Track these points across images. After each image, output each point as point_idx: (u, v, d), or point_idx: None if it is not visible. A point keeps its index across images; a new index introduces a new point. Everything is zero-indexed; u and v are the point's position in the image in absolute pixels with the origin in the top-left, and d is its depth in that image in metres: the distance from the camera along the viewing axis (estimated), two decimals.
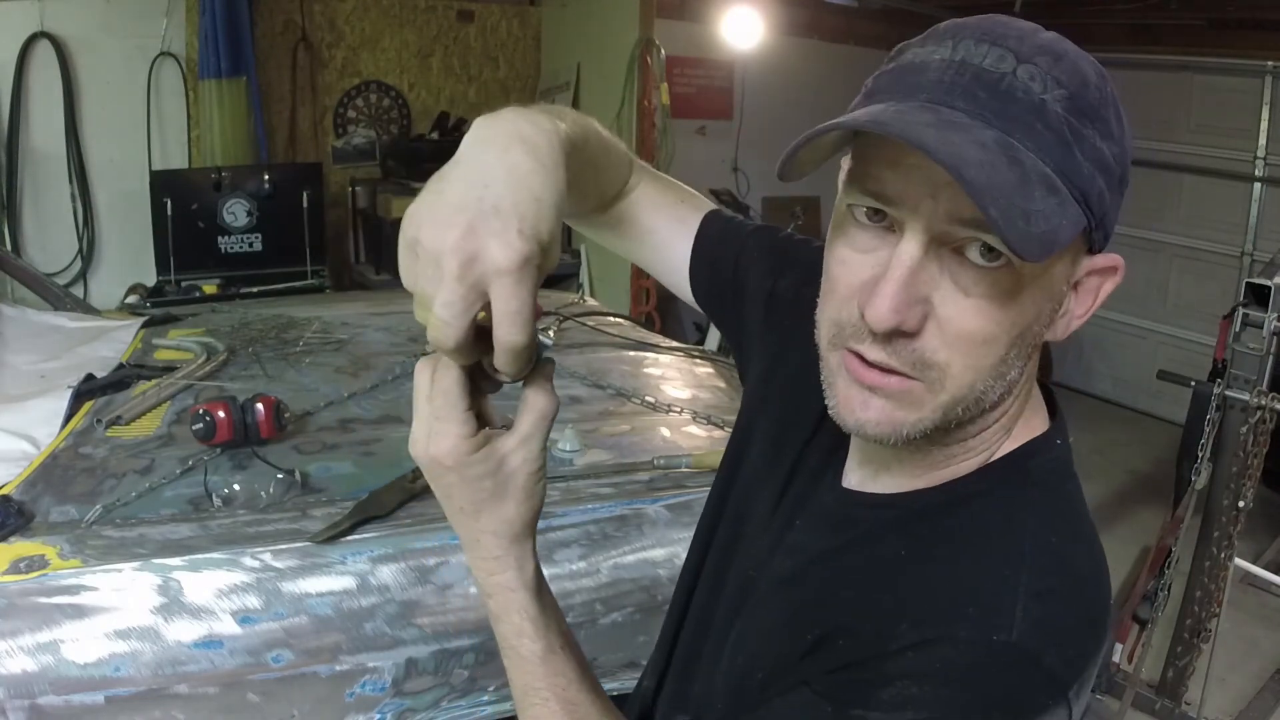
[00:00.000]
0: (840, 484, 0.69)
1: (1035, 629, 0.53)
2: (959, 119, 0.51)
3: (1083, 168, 0.52)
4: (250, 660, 1.14)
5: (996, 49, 0.52)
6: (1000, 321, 0.54)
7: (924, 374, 0.55)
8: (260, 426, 1.52)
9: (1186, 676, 2.60)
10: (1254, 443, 2.37)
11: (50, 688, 1.07)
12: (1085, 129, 0.52)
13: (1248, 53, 4.48)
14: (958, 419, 0.58)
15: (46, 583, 1.12)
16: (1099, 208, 0.54)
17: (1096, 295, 0.59)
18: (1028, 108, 0.51)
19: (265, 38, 4.26)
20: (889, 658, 0.54)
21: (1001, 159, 0.49)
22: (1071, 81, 0.52)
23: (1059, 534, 0.59)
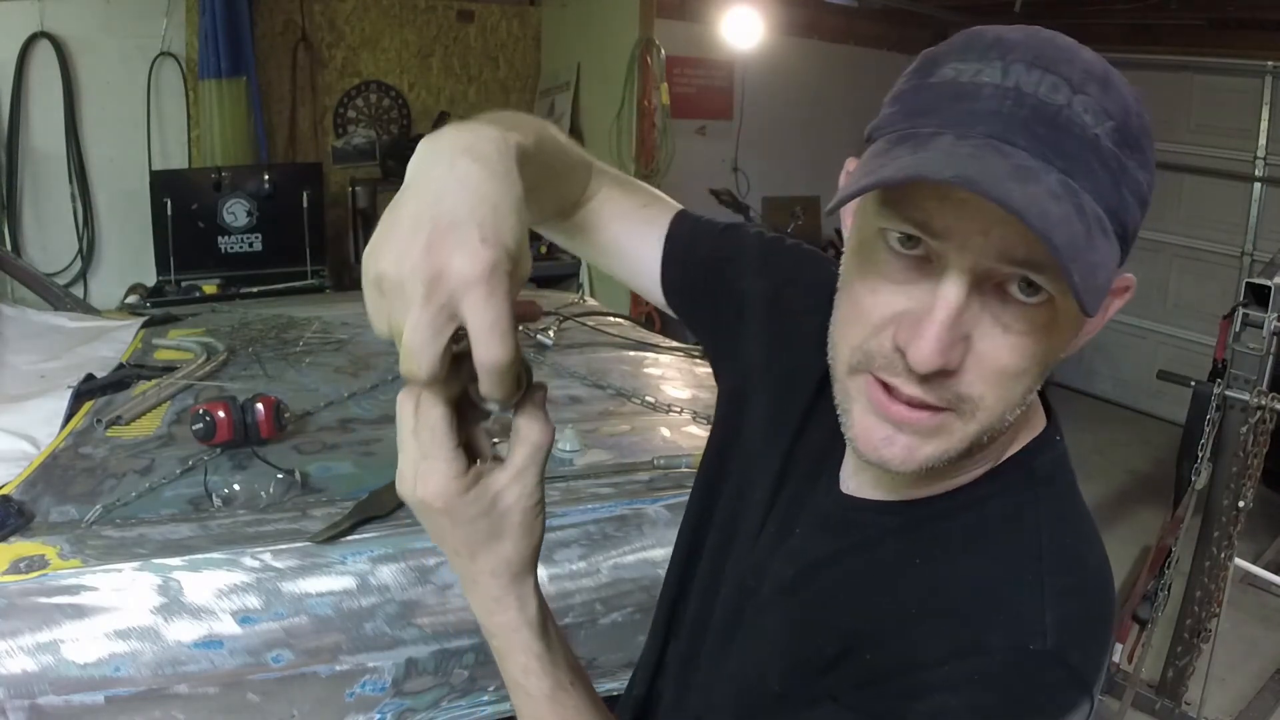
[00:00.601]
0: (838, 488, 0.68)
1: (1062, 630, 0.54)
2: (1028, 162, 0.49)
3: (1127, 203, 0.51)
4: (250, 660, 1.14)
5: (1050, 76, 0.50)
6: (1035, 355, 0.53)
7: (958, 406, 0.54)
8: (260, 426, 1.52)
9: (1186, 676, 2.60)
10: (1254, 443, 2.36)
11: (50, 688, 1.07)
12: (1128, 160, 0.51)
13: (1248, 53, 4.48)
14: (981, 445, 0.57)
15: (46, 583, 1.12)
16: (1128, 240, 0.53)
17: (1108, 312, 0.57)
18: (1084, 144, 0.49)
19: (265, 38, 4.26)
20: (921, 669, 0.54)
21: (1071, 211, 0.48)
22: (1118, 112, 0.50)
23: (1070, 530, 0.59)
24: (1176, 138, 4.92)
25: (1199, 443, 2.41)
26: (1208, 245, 4.87)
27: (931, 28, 5.95)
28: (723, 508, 0.79)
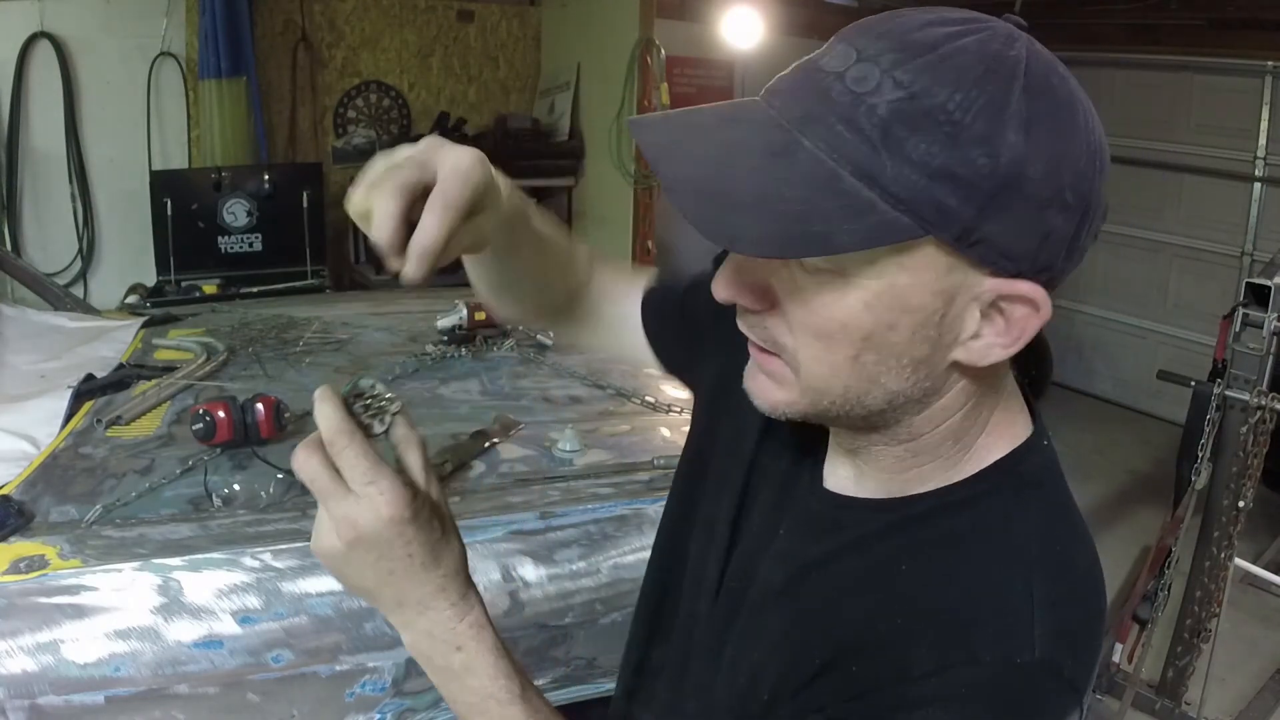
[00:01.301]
0: (822, 485, 0.68)
1: (1053, 640, 0.54)
2: (766, 116, 0.53)
3: (899, 172, 0.48)
4: (250, 660, 1.14)
5: (847, 47, 0.51)
6: (831, 319, 0.53)
7: (781, 351, 0.57)
8: (260, 426, 1.52)
9: (1186, 676, 2.60)
10: (1254, 443, 2.36)
11: (50, 688, 1.07)
12: (917, 134, 0.48)
13: (1248, 53, 4.48)
14: (840, 411, 0.58)
15: (46, 583, 1.12)
16: (946, 219, 0.49)
17: (1016, 326, 0.54)
18: (841, 106, 0.50)
19: (265, 38, 4.26)
20: (909, 683, 0.54)
21: (741, 168, 0.51)
22: (920, 80, 0.48)
23: (1061, 534, 0.59)
24: (1176, 138, 4.92)
25: (1199, 443, 2.41)
26: (1208, 245, 4.87)
27: None
28: (704, 508, 0.78)
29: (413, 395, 1.85)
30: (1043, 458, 0.63)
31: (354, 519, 0.60)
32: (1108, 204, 0.55)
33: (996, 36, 0.50)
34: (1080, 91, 0.52)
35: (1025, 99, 0.49)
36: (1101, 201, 0.53)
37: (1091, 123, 0.52)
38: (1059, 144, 0.50)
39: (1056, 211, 0.50)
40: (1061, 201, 0.50)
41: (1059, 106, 0.50)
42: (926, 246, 0.51)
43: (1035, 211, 0.50)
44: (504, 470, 1.51)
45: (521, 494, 1.43)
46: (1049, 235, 0.51)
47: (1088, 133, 0.51)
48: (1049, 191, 0.50)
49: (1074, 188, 0.50)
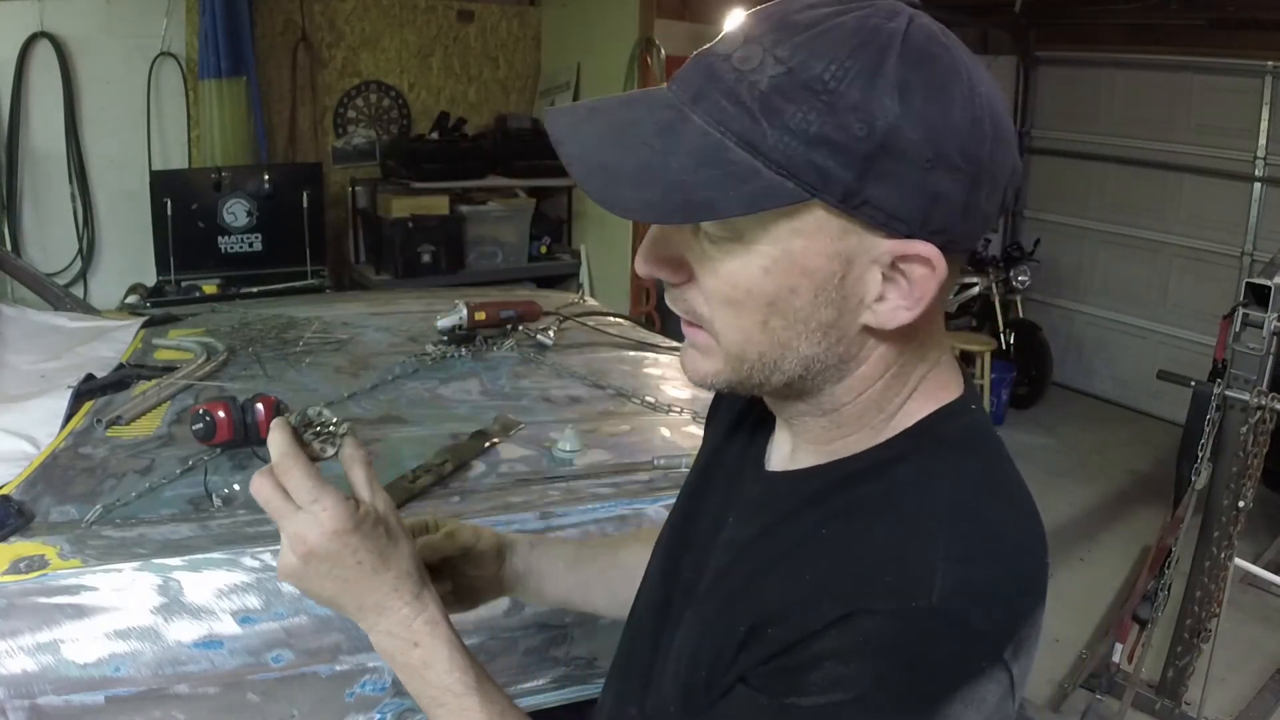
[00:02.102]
0: (764, 469, 0.70)
1: (957, 591, 0.53)
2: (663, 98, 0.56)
3: (779, 140, 0.51)
4: (250, 660, 1.14)
5: (736, 34, 0.55)
6: (736, 285, 0.56)
7: (703, 322, 0.60)
8: (260, 426, 1.52)
9: (1186, 676, 2.60)
10: (1254, 443, 2.36)
11: (50, 688, 1.07)
12: (795, 104, 0.51)
13: (1248, 53, 4.48)
14: (761, 378, 0.60)
15: (46, 583, 1.12)
16: (828, 181, 0.51)
17: (917, 286, 0.55)
18: (725, 83, 0.53)
19: (265, 38, 4.26)
20: (814, 638, 0.54)
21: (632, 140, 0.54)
22: (797, 56, 0.51)
23: (980, 494, 0.59)
24: (1176, 138, 4.92)
25: (1199, 443, 2.41)
26: (1208, 245, 4.87)
27: None
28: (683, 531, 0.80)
29: (413, 395, 1.85)
30: (969, 420, 0.63)
31: (303, 535, 0.67)
32: (1018, 166, 0.57)
33: (878, 12, 0.53)
34: (967, 60, 0.54)
35: (901, 66, 0.51)
36: (1005, 166, 0.55)
37: (977, 89, 0.53)
38: (938, 109, 0.51)
39: (943, 174, 0.52)
40: (947, 164, 0.52)
41: (938, 74, 0.52)
42: (816, 210, 0.53)
43: (918, 174, 0.51)
44: (504, 470, 1.51)
45: (521, 494, 1.43)
46: (938, 197, 0.52)
47: (972, 98, 0.53)
48: (930, 154, 0.51)
49: (961, 151, 0.52)
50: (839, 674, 0.52)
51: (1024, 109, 5.62)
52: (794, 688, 0.54)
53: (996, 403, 4.84)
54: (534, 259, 4.71)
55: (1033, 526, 0.60)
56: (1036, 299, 5.44)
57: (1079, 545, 3.69)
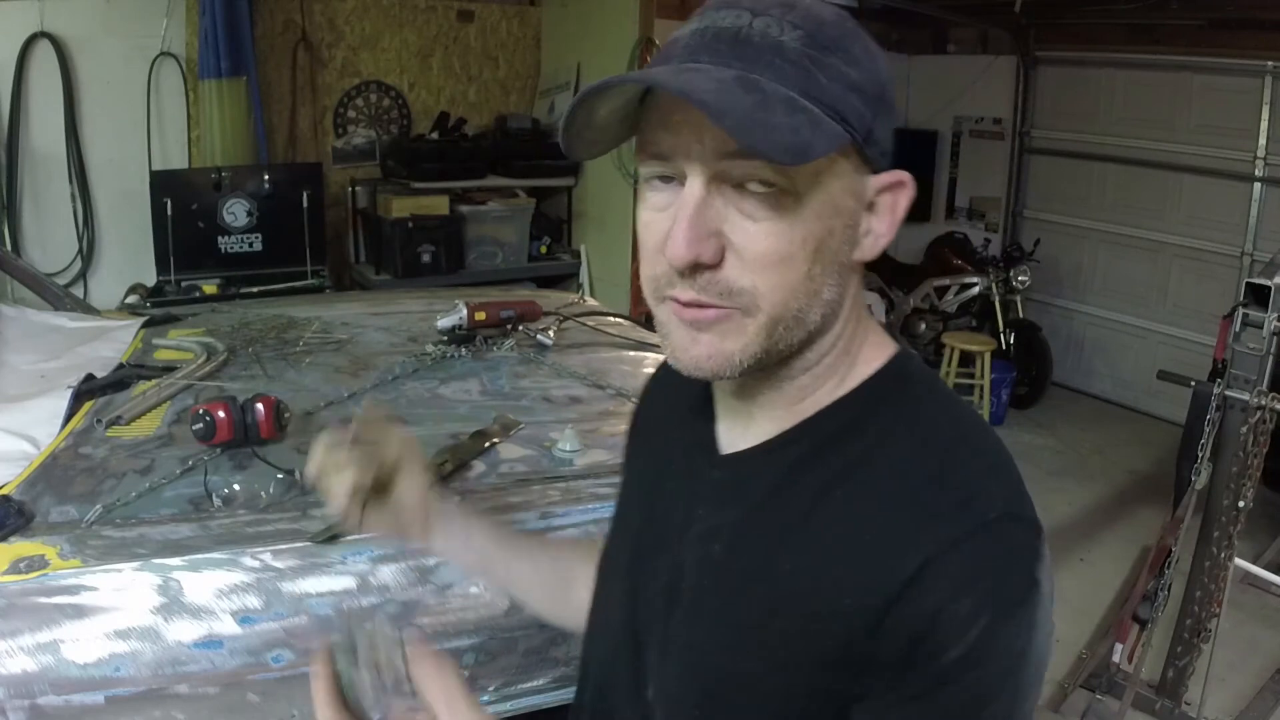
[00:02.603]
0: (718, 454, 0.70)
1: (1005, 493, 0.59)
2: (703, 67, 0.58)
3: (830, 88, 0.58)
4: (250, 660, 1.14)
5: (734, 10, 0.59)
6: (791, 239, 0.59)
7: (736, 300, 0.60)
8: (260, 426, 1.52)
9: (1186, 676, 2.60)
10: (1254, 443, 2.36)
11: (50, 688, 1.07)
12: (828, 58, 0.58)
13: (1248, 53, 4.48)
14: (785, 341, 0.61)
15: (46, 583, 1.12)
16: (861, 124, 0.59)
17: (894, 211, 0.63)
18: (765, 49, 0.57)
19: (265, 38, 4.26)
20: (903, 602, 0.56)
21: (737, 87, 0.55)
22: (807, 23, 0.58)
23: (963, 417, 0.65)
24: (1176, 138, 4.92)
25: (1199, 443, 2.41)
26: (1208, 245, 4.87)
27: (931, 28, 5.96)
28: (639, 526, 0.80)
29: (413, 395, 1.86)
30: (918, 364, 0.69)
31: None
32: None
33: None
34: None
35: (859, 32, 0.61)
36: None
37: None
38: (883, 61, 0.62)
39: (891, 113, 0.62)
40: (892, 106, 0.62)
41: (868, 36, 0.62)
42: (850, 152, 0.60)
43: (890, 114, 0.62)
44: (504, 470, 1.51)
45: (521, 494, 1.43)
46: (890, 130, 0.62)
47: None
48: (891, 97, 0.62)
49: (890, 87, 0.62)
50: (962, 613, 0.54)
51: (1024, 109, 5.62)
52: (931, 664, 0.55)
53: (996, 403, 4.83)
54: (534, 259, 4.71)
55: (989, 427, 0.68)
56: (1036, 299, 5.44)
57: (1079, 545, 3.69)
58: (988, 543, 0.56)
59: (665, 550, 0.72)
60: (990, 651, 0.55)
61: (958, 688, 0.55)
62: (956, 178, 6.06)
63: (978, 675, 0.55)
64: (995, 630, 0.55)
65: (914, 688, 0.56)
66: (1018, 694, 0.56)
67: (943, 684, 0.55)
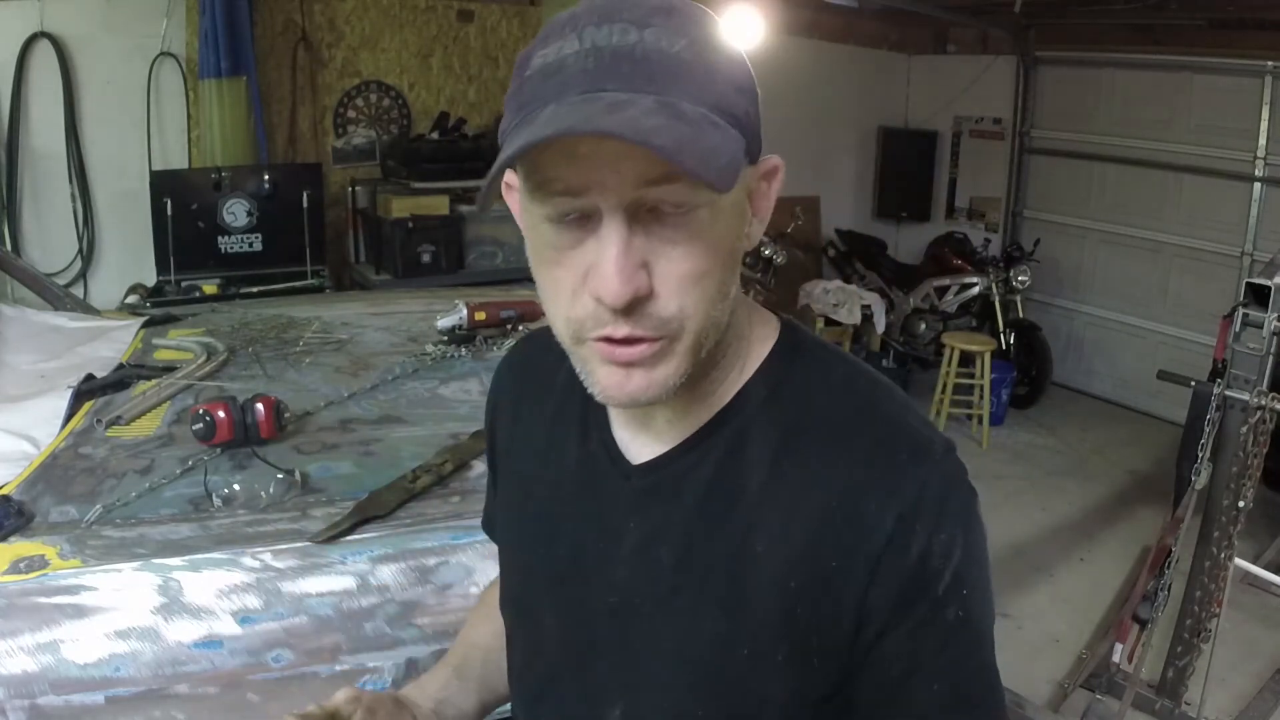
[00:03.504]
0: (631, 465, 0.69)
1: (930, 428, 0.65)
2: (620, 97, 0.54)
3: (725, 94, 0.58)
4: (250, 660, 1.14)
5: (618, 24, 0.56)
6: (707, 254, 0.59)
7: (666, 329, 0.60)
8: (260, 426, 1.52)
9: (1186, 676, 2.60)
10: (1254, 443, 2.36)
11: (50, 688, 1.07)
12: (715, 62, 0.58)
13: (1248, 53, 4.48)
14: (708, 349, 0.63)
15: (46, 583, 1.12)
16: (749, 122, 0.60)
17: (769, 197, 0.65)
18: (667, 66, 0.56)
19: (265, 38, 4.26)
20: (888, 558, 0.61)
21: (667, 117, 0.54)
22: (688, 28, 0.57)
23: (859, 370, 0.69)
24: (1176, 138, 4.92)
25: (1199, 443, 2.41)
26: (1208, 245, 4.87)
27: (931, 28, 5.95)
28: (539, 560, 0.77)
29: (413, 395, 1.86)
30: (805, 329, 0.72)
31: None
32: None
33: None
34: None
35: (712, 17, 0.60)
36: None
37: None
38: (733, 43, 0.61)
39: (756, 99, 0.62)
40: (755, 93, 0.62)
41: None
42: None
43: (757, 103, 0.62)
44: None
45: None
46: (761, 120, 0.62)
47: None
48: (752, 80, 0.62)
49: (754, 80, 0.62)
50: (943, 543, 0.61)
51: (1024, 109, 5.62)
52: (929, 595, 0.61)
53: (996, 403, 4.83)
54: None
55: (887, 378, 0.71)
56: (1036, 299, 5.44)
57: (1079, 545, 3.69)
58: (943, 477, 0.63)
59: (597, 572, 0.70)
60: (969, 566, 0.62)
61: (957, 604, 0.62)
62: (956, 178, 6.06)
63: (968, 587, 0.62)
64: (968, 547, 0.62)
65: (918, 618, 0.61)
66: (990, 586, 0.65)
67: (944, 605, 0.61)
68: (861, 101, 6.01)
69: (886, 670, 0.63)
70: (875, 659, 0.62)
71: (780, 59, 5.03)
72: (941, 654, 0.62)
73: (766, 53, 4.70)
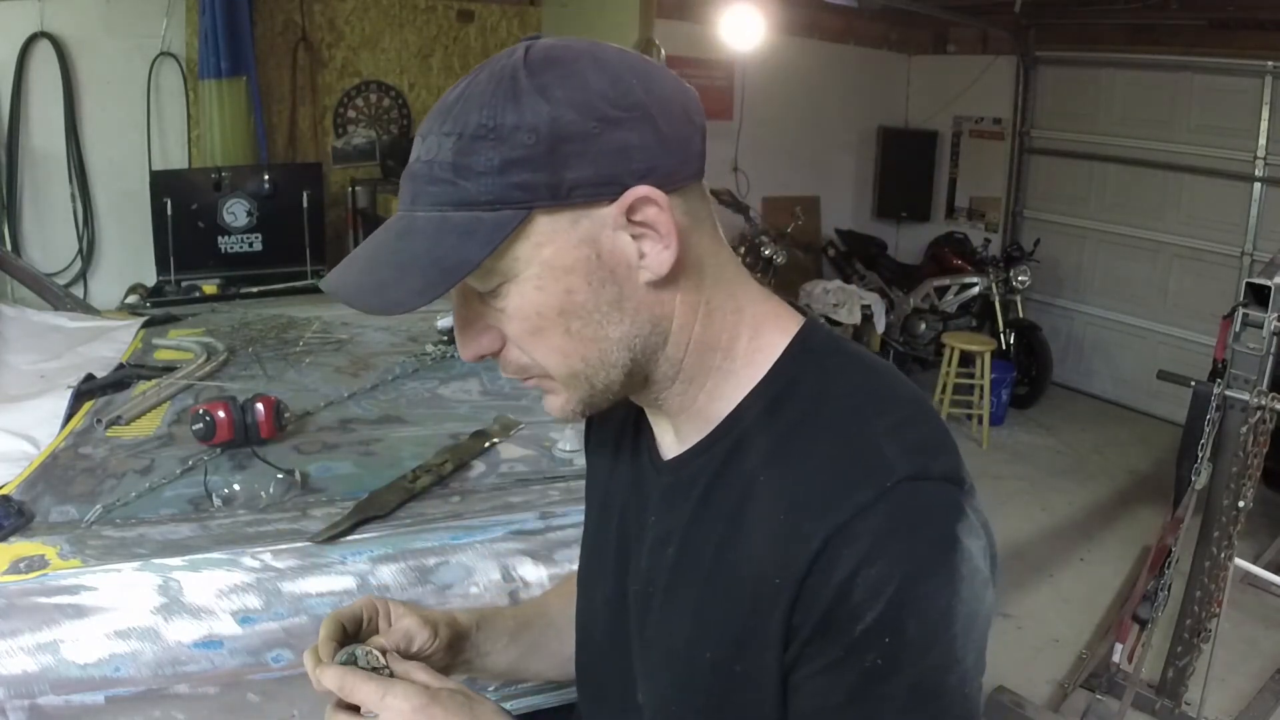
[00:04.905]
0: (663, 461, 0.73)
1: (908, 455, 0.59)
2: (389, 222, 0.65)
3: (482, 184, 0.59)
4: (250, 660, 1.14)
5: (418, 139, 0.63)
6: (531, 315, 0.62)
7: (533, 370, 0.66)
8: (260, 426, 1.52)
9: (1186, 676, 2.60)
10: (1254, 443, 2.36)
11: (50, 688, 1.07)
12: (475, 153, 0.58)
13: (1248, 53, 4.48)
14: (604, 382, 0.65)
15: (46, 583, 1.12)
16: (537, 190, 0.59)
17: (656, 224, 0.61)
18: (423, 177, 0.61)
19: (265, 38, 4.26)
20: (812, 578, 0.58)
21: (397, 238, 0.63)
22: (456, 126, 0.59)
23: (873, 378, 0.66)
24: (1176, 138, 4.92)
25: (1199, 443, 2.41)
26: (1208, 245, 4.87)
27: (931, 28, 5.96)
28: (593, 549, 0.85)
29: (413, 395, 1.86)
30: (822, 334, 0.69)
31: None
32: (688, 89, 0.64)
33: (499, 58, 0.61)
34: (589, 46, 0.62)
35: (531, 78, 0.59)
36: (670, 96, 0.62)
37: (602, 59, 0.61)
38: (575, 87, 0.59)
39: (613, 131, 0.59)
40: (610, 121, 0.58)
41: (563, 66, 0.59)
42: (539, 219, 0.59)
43: (593, 143, 0.58)
44: (504, 470, 1.51)
45: (521, 494, 1.43)
46: (625, 149, 0.59)
47: (601, 66, 0.60)
48: (591, 123, 0.58)
49: (615, 105, 0.59)
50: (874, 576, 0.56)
51: (1024, 109, 5.62)
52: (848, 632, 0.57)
53: (996, 403, 4.84)
54: None
55: (917, 389, 0.67)
56: (1036, 299, 5.44)
57: (1079, 545, 3.69)
58: (894, 506, 0.57)
59: (632, 558, 0.75)
60: (908, 613, 0.56)
61: (877, 651, 0.56)
62: (956, 178, 6.06)
63: (898, 638, 0.56)
64: (909, 593, 0.56)
65: (832, 656, 0.58)
66: (951, 650, 0.57)
67: (863, 650, 0.56)
68: (861, 101, 6.01)
69: (799, 706, 0.60)
70: (792, 688, 0.61)
71: (780, 59, 5.04)
72: (856, 702, 0.57)
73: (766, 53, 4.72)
